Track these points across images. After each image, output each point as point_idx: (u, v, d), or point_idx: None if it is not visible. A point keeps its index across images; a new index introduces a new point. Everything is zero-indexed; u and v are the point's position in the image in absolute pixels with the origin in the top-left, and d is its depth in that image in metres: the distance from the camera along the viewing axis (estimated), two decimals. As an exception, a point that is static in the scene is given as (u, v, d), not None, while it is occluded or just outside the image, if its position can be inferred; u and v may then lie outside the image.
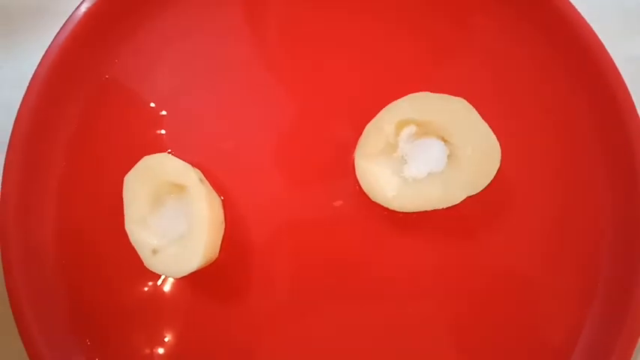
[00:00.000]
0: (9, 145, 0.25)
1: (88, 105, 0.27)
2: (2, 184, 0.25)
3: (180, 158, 0.25)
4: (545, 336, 0.25)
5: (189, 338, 0.25)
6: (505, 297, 0.25)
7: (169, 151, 0.26)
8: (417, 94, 0.24)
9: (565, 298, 0.25)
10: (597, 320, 0.25)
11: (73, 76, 0.26)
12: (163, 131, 0.26)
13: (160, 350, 0.25)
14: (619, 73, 0.25)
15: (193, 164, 0.25)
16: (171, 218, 0.24)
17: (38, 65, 0.26)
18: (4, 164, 0.25)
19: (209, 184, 0.25)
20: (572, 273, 0.25)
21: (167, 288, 0.26)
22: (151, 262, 0.23)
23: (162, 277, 0.25)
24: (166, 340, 0.25)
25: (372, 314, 0.25)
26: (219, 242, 0.25)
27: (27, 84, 0.26)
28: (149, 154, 0.24)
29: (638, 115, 0.25)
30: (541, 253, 0.25)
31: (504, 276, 0.25)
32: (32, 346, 0.24)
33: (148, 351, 0.25)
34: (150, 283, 0.26)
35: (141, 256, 0.24)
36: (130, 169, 0.24)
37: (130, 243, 0.24)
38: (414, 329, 0.25)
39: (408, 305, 0.25)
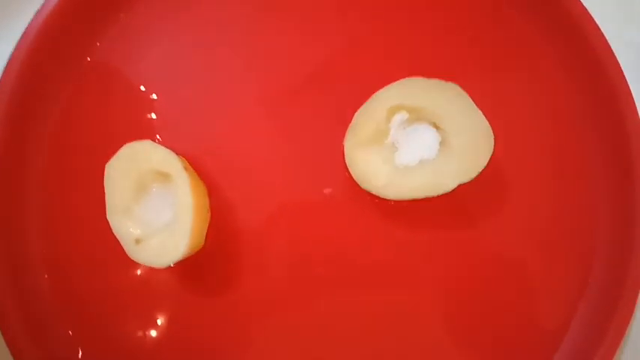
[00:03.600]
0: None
1: (70, 89, 0.26)
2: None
3: (167, 145, 0.24)
4: (537, 322, 0.25)
5: (176, 327, 0.25)
6: (496, 284, 0.25)
7: (157, 137, 0.26)
8: (408, 79, 0.23)
9: (558, 285, 0.25)
10: (590, 306, 0.25)
11: (52, 58, 0.26)
12: (151, 116, 0.26)
13: (146, 339, 0.25)
14: (616, 60, 0.25)
15: (179, 151, 0.24)
16: (156, 207, 0.23)
17: (16, 46, 0.25)
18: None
19: (194, 172, 0.24)
20: (566, 260, 0.25)
21: (153, 277, 0.25)
22: (134, 253, 0.23)
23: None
24: (152, 329, 0.25)
25: (362, 303, 0.25)
26: (205, 230, 0.25)
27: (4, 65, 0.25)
28: (135, 139, 0.24)
29: (633, 101, 0.24)
30: (533, 241, 0.25)
31: (496, 264, 0.25)
32: (12, 337, 0.24)
33: (133, 340, 0.25)
34: (135, 272, 0.25)
35: (123, 247, 0.23)
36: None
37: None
38: (405, 317, 0.25)
39: (398, 293, 0.25)
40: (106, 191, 0.23)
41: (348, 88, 0.26)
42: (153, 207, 0.23)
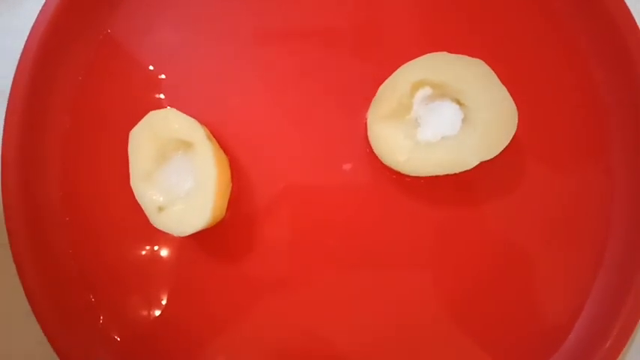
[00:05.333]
0: (10, 98, 0.25)
1: (91, 59, 0.26)
2: (3, 139, 0.25)
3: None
4: (546, 311, 0.25)
5: (193, 297, 0.25)
6: (508, 269, 0.25)
7: (168, 107, 0.25)
8: (434, 54, 0.23)
9: (569, 274, 0.25)
10: (599, 299, 0.24)
11: (74, 26, 0.26)
12: (165, 90, 0.26)
13: (164, 308, 0.25)
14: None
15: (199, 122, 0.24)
16: (178, 175, 0.23)
17: (39, 13, 0.25)
18: (5, 118, 0.25)
19: (216, 142, 0.24)
20: (578, 249, 0.25)
21: (172, 247, 0.25)
22: (157, 220, 0.23)
23: (168, 234, 0.25)
24: (170, 298, 0.25)
25: (373, 280, 0.25)
26: (227, 201, 0.25)
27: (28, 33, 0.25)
28: (153, 109, 0.24)
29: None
30: (549, 226, 0.25)
31: (509, 247, 0.25)
32: (38, 307, 0.24)
33: (151, 308, 0.25)
34: (155, 241, 0.25)
35: (147, 214, 0.23)
36: (136, 124, 0.24)
37: (136, 200, 0.23)
38: (414, 298, 0.25)
39: (410, 273, 0.25)
40: (130, 159, 0.23)
41: (372, 62, 0.25)
42: (176, 175, 0.23)
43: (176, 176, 0.23)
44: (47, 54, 0.25)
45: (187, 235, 0.23)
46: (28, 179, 0.25)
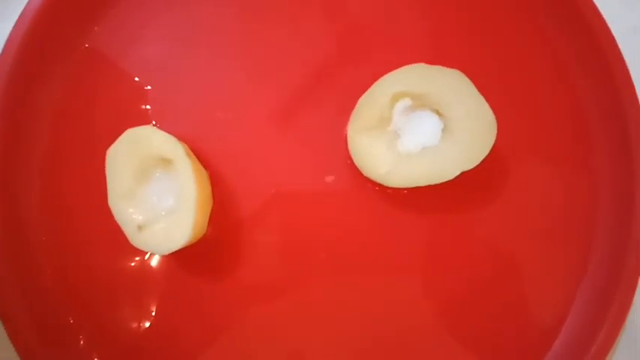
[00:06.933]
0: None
1: (69, 75, 0.26)
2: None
3: (166, 131, 0.24)
4: (533, 316, 0.25)
5: (177, 314, 0.25)
6: (494, 275, 0.25)
7: (154, 123, 0.25)
8: (412, 65, 0.23)
9: (555, 278, 0.25)
10: (585, 302, 0.25)
11: (49, 43, 0.25)
12: (148, 104, 0.26)
13: (147, 327, 0.25)
14: (618, 48, 0.24)
15: (179, 137, 0.24)
16: (157, 193, 0.23)
17: (12, 29, 0.24)
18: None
19: (196, 159, 0.24)
20: (563, 254, 0.25)
21: (154, 264, 0.25)
22: (137, 239, 0.23)
23: (149, 253, 0.25)
24: (153, 316, 0.25)
25: (360, 290, 0.25)
26: (207, 218, 0.24)
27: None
28: (135, 126, 0.23)
29: (636, 95, 0.24)
30: (533, 232, 0.25)
31: (495, 254, 0.25)
32: (15, 328, 0.24)
33: (134, 328, 0.25)
34: (136, 259, 0.25)
35: (126, 233, 0.23)
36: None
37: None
38: (401, 306, 0.25)
39: (396, 282, 0.25)
40: (107, 177, 0.23)
41: (351, 74, 0.25)
42: (155, 193, 0.23)
43: (155, 194, 0.23)
44: (25, 69, 0.25)
45: (168, 253, 0.22)
46: (5, 197, 0.25)
